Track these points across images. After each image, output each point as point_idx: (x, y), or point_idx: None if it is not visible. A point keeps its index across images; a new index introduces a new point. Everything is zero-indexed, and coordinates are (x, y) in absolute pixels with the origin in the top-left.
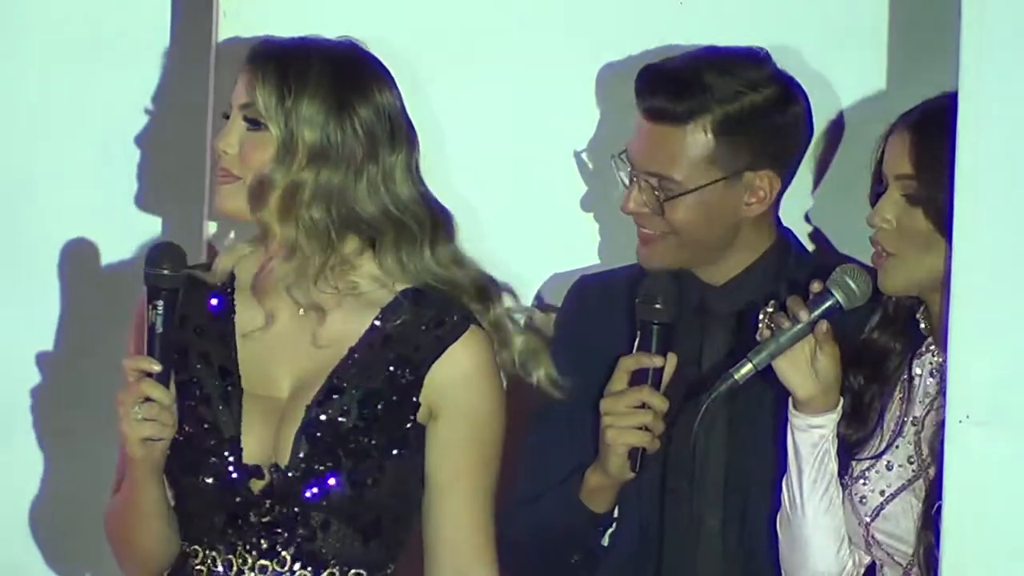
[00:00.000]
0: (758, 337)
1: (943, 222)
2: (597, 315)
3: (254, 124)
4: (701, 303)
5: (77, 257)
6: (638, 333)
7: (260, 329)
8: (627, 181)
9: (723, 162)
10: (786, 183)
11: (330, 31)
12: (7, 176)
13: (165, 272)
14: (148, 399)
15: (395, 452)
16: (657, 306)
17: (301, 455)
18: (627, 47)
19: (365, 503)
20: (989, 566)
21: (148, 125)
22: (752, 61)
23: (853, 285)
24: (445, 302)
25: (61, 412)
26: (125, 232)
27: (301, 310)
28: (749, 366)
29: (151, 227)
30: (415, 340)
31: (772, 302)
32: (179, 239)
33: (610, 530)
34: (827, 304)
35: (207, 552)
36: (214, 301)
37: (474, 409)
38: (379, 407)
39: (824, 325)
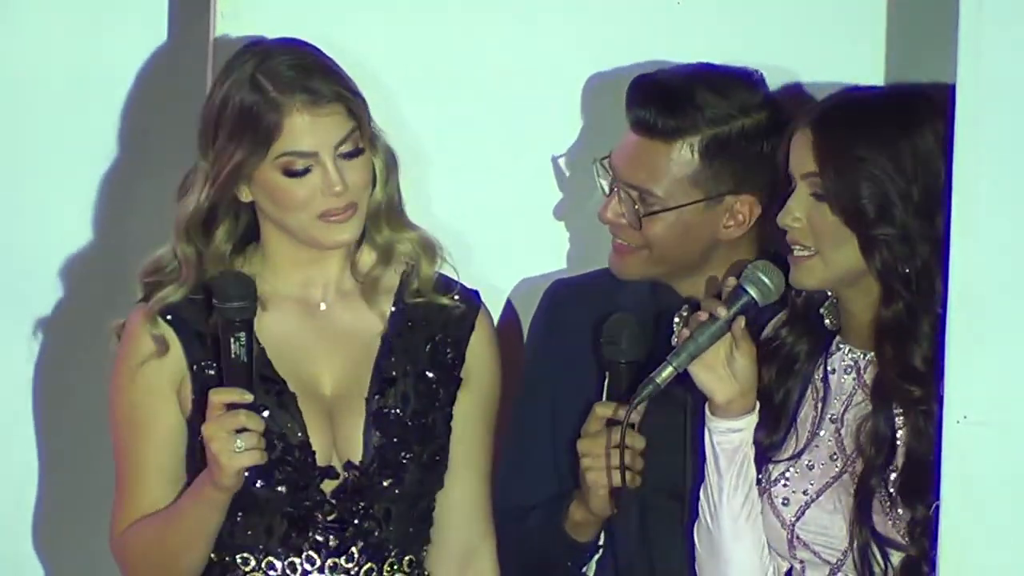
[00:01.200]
0: (674, 341)
1: (849, 217)
2: (572, 320)
3: (355, 153)
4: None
5: (74, 257)
6: (607, 374)
7: (283, 332)
8: (607, 189)
9: (706, 184)
10: (769, 207)
11: (327, 33)
12: (3, 175)
13: (242, 305)
14: (244, 429)
15: (447, 429)
16: (622, 347)
17: (375, 448)
18: (623, 48)
19: (430, 485)
20: (987, 566)
21: (145, 125)
22: (746, 83)
23: (766, 280)
24: (444, 279)
25: (60, 411)
26: (122, 232)
27: (323, 305)
28: (670, 369)
29: (148, 227)
30: (438, 319)
31: (685, 306)
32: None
33: (596, 556)
34: (742, 300)
35: (260, 558)
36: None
37: (490, 382)
38: (430, 389)
39: (741, 322)
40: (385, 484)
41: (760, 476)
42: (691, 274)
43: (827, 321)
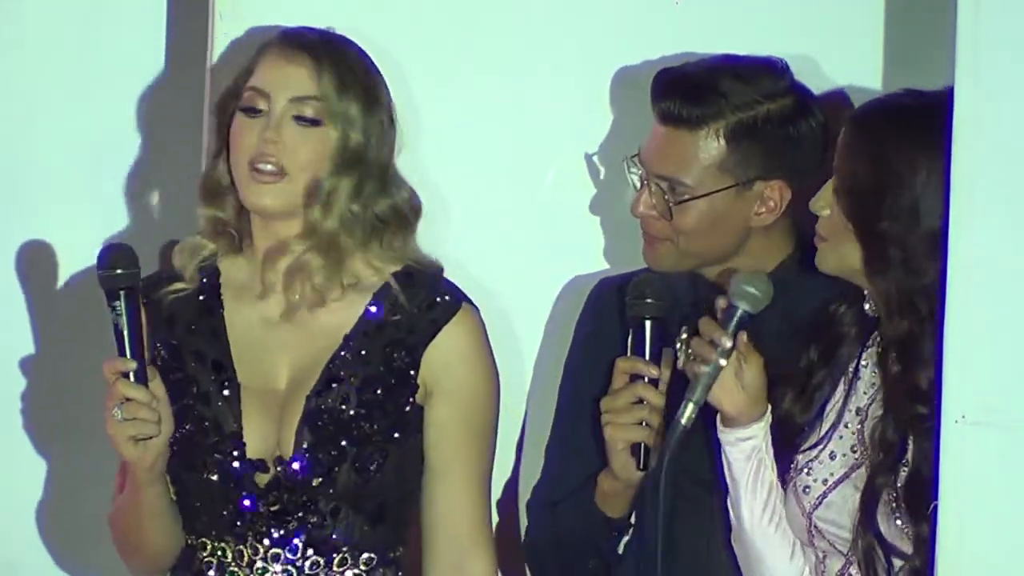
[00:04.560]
0: (679, 365)
1: (852, 212)
2: (613, 318)
3: (309, 121)
4: (712, 307)
5: (73, 256)
6: (630, 331)
7: (255, 323)
8: (638, 184)
9: (734, 169)
10: (802, 194)
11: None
12: (3, 176)
13: (119, 272)
14: (128, 399)
15: (396, 435)
16: (648, 301)
17: (305, 446)
18: (623, 49)
19: (371, 489)
20: (985, 566)
21: (144, 125)
22: (770, 71)
23: (753, 290)
24: (434, 282)
25: (60, 410)
26: (120, 231)
27: (300, 301)
28: (691, 406)
29: (146, 226)
30: (408, 323)
31: (684, 328)
32: (175, 238)
33: (625, 539)
34: (737, 316)
35: (216, 544)
36: (201, 297)
37: (468, 388)
38: (378, 392)
39: (743, 337)
40: (315, 483)
41: (790, 466)
42: (725, 264)
43: (867, 306)
